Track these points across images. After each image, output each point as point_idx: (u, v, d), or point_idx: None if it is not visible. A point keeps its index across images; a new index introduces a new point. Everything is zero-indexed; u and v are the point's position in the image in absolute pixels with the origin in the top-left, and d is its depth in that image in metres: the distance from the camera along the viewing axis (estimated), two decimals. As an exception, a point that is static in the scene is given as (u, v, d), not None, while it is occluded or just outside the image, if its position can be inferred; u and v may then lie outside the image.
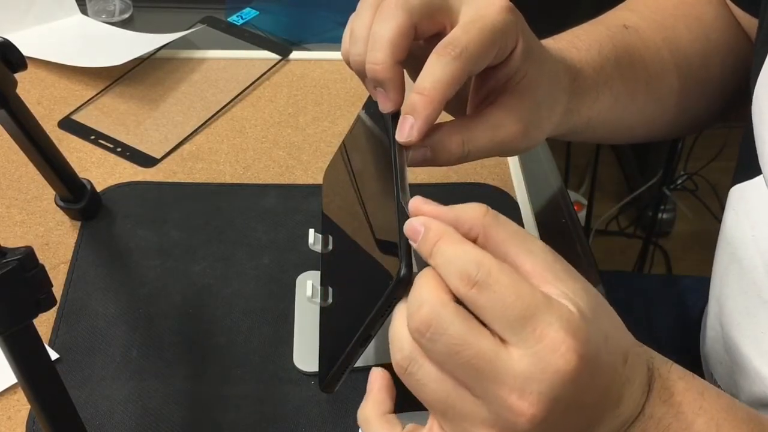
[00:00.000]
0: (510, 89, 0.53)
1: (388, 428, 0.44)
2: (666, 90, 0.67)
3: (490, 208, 0.42)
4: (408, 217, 0.44)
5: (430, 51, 0.49)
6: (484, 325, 0.39)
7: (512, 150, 0.55)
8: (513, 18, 0.50)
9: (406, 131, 0.49)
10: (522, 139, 0.53)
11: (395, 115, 0.50)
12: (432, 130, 0.50)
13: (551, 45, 0.59)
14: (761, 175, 0.57)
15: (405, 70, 0.51)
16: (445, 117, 0.52)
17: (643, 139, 0.73)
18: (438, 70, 0.48)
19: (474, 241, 0.41)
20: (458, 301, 0.40)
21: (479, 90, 0.54)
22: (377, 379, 0.46)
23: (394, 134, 0.49)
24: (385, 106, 0.51)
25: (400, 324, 0.42)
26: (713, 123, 0.75)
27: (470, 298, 0.39)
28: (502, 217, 0.42)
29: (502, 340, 0.39)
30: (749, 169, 0.59)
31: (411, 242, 0.43)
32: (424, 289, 0.40)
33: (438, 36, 0.50)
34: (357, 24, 0.51)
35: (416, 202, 0.43)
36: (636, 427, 0.43)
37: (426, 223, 0.42)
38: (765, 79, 0.57)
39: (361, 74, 0.52)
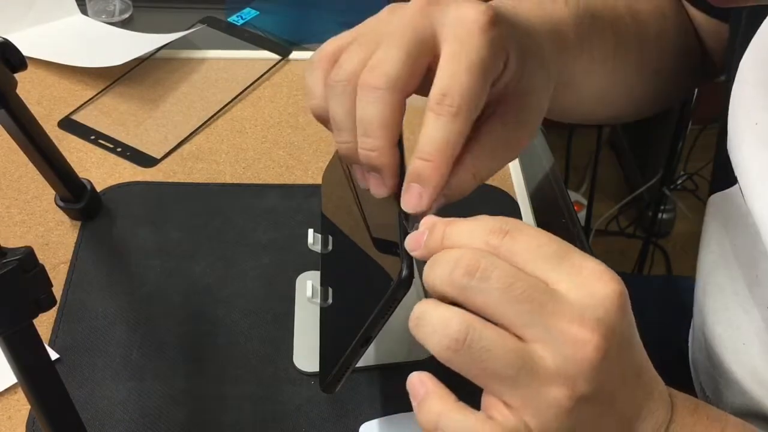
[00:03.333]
0: (508, 98, 0.49)
1: (469, 412, 0.40)
2: (627, 59, 0.64)
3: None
4: (407, 216, 0.44)
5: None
6: None
7: (519, 153, 0.51)
8: (497, 33, 0.45)
9: (415, 201, 0.44)
10: (528, 140, 0.50)
11: None
12: None
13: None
14: (738, 185, 0.55)
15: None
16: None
17: (612, 118, 0.69)
18: (439, 132, 0.44)
19: None
20: None
21: None
22: (426, 380, 0.41)
23: None
24: (379, 191, 0.47)
25: (428, 309, 0.40)
26: (663, 106, 0.75)
27: (506, 245, 0.40)
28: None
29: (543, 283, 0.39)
30: (726, 177, 0.57)
31: (412, 252, 0.43)
32: (453, 251, 0.40)
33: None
34: (337, 111, 0.46)
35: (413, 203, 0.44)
36: (672, 430, 0.43)
37: (429, 223, 0.42)
38: (738, 92, 0.55)
39: (350, 160, 0.48)
